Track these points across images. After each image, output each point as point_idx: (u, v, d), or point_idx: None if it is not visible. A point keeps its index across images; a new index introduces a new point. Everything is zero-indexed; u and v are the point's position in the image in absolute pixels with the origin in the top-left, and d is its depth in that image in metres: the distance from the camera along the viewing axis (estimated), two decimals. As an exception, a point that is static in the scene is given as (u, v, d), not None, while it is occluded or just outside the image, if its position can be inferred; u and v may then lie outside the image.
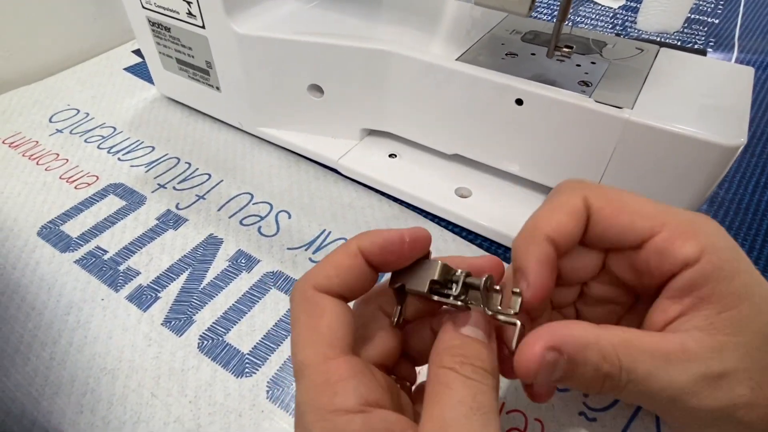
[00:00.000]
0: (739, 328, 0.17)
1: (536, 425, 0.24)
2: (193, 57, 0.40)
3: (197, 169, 0.40)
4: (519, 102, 0.30)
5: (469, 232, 0.35)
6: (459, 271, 0.19)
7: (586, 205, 0.20)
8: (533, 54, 0.33)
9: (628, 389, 0.17)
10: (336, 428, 0.16)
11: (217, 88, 0.41)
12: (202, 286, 0.31)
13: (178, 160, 0.41)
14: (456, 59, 0.32)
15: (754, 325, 0.17)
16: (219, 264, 0.32)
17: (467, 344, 0.18)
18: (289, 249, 0.33)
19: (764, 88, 0.49)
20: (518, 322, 0.18)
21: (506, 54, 0.33)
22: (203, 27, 0.37)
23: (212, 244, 0.34)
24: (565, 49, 0.32)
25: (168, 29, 0.40)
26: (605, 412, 0.25)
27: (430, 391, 0.17)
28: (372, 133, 0.41)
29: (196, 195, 0.38)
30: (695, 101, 0.29)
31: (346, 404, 0.16)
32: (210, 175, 0.39)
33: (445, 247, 0.34)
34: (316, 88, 0.37)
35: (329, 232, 0.35)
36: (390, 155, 0.39)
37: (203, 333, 0.29)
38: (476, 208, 0.35)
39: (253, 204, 0.37)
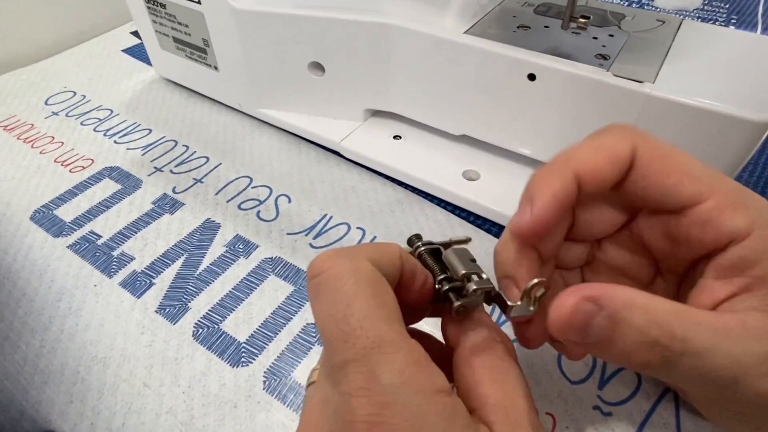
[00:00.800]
0: None
1: (548, 420, 0.23)
2: (189, 35, 0.39)
3: (195, 151, 0.39)
4: (531, 77, 0.28)
5: (477, 216, 0.33)
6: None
7: (632, 154, 0.17)
8: (547, 27, 0.31)
9: (682, 364, 0.15)
10: (448, 410, 0.14)
11: (215, 68, 0.39)
12: (198, 272, 0.30)
13: (176, 142, 0.40)
14: (464, 32, 0.30)
15: None
16: (216, 249, 0.31)
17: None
18: (288, 234, 0.32)
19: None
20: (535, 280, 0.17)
21: (518, 27, 0.31)
22: (199, 2, 0.35)
23: (209, 228, 0.33)
24: (581, 20, 0.30)
25: (164, 5, 0.38)
26: (621, 406, 0.23)
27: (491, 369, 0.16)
28: (376, 114, 0.39)
29: (194, 178, 0.36)
30: (721, 74, 0.27)
31: (445, 385, 0.15)
32: (208, 158, 0.38)
33: (451, 232, 0.32)
34: (318, 66, 0.36)
35: (330, 217, 0.33)
36: (394, 137, 0.37)
37: (198, 321, 0.27)
38: (485, 192, 0.33)
39: (252, 188, 0.35)
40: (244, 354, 0.26)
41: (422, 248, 0.20)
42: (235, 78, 0.39)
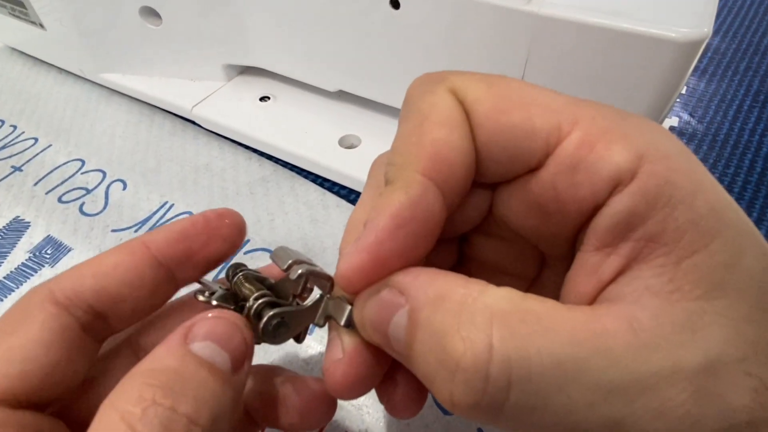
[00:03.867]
0: (716, 284, 0.10)
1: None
2: (-3, -17, 0.31)
3: (23, 132, 0.31)
4: (395, 4, 0.21)
5: (358, 193, 0.26)
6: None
7: (462, 105, 0.12)
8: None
9: (509, 408, 0.09)
10: None
11: (41, 25, 0.31)
12: (-15, 289, 0.23)
13: (2, 122, 0.32)
14: (312, -49, 0.23)
15: (738, 276, 0.10)
16: (16, 256, 0.24)
17: (185, 369, 0.11)
18: (114, 231, 0.25)
19: (753, -11, 0.40)
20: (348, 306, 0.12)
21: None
22: (-13, -64, 0.27)
23: (15, 229, 0.25)
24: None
25: (-42, -53, 0.30)
26: (509, 442, 0.17)
27: None
28: (244, 71, 0.32)
29: (12, 166, 0.29)
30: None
31: None
32: (36, 140, 0.31)
33: (325, 215, 0.25)
34: (152, 13, 0.28)
35: (171, 205, 0.26)
36: (262, 98, 0.30)
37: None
38: (366, 161, 0.26)
39: (82, 174, 0.28)
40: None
41: (240, 274, 0.14)
42: (65, 36, 0.31)
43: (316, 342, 0.21)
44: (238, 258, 0.24)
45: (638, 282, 0.10)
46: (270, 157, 0.28)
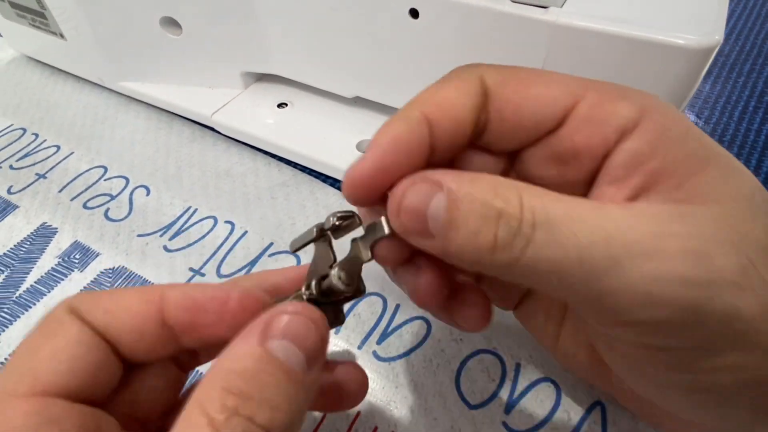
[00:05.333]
0: (711, 196, 0.12)
1: (435, 463, 0.18)
2: (19, -5, 0.31)
3: (45, 140, 0.32)
4: (414, 13, 0.22)
5: (376, 196, 0.27)
6: None
7: (483, 85, 0.14)
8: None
9: (536, 242, 0.11)
10: None
11: (61, 35, 0.32)
12: (17, 293, 0.24)
13: (24, 131, 0.33)
14: (331, -38, 0.24)
15: (727, 189, 0.12)
16: (46, 262, 0.25)
17: (262, 373, 0.11)
18: (139, 236, 0.26)
19: (754, -8, 0.40)
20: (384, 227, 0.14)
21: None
22: (12, -50, 0.28)
23: (43, 235, 0.26)
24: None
25: (-19, -40, 0.31)
26: (534, 435, 0.18)
27: None
28: (261, 79, 0.32)
29: (37, 174, 0.30)
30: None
31: None
32: (59, 147, 0.31)
33: (344, 217, 0.26)
34: (172, 23, 0.29)
35: (195, 210, 0.27)
36: (279, 105, 0.30)
37: (6, 359, 0.21)
38: (383, 165, 0.27)
39: (105, 180, 0.29)
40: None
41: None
42: (86, 46, 0.32)
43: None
44: (263, 262, 0.24)
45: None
46: (289, 163, 0.29)
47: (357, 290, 0.15)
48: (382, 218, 0.14)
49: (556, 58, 0.20)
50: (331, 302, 0.15)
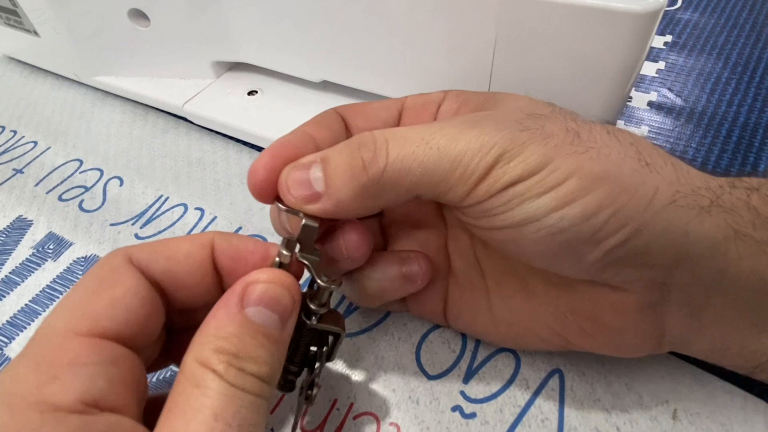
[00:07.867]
0: (495, 106, 0.17)
1: (391, 431, 0.18)
2: (-9, -6, 0.32)
3: (23, 137, 0.32)
4: (368, -7, 0.22)
5: (345, 178, 0.27)
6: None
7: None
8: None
9: (395, 146, 0.15)
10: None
11: (35, 33, 0.33)
12: (-7, 284, 0.24)
13: (3, 128, 0.33)
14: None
15: (504, 106, 0.17)
16: (21, 253, 0.25)
17: (244, 335, 0.13)
18: (112, 225, 0.26)
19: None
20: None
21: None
22: (-21, -52, 0.28)
23: (18, 228, 0.27)
24: None
25: (-48, -39, 0.31)
26: (490, 402, 0.18)
27: (177, 394, 0.12)
28: (233, 68, 0.33)
29: (14, 169, 0.30)
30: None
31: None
32: (36, 143, 0.32)
33: (313, 200, 0.26)
34: (140, 15, 0.29)
35: (166, 198, 0.27)
36: (250, 92, 0.31)
37: (-19, 346, 0.22)
38: (351, 147, 0.27)
39: (81, 173, 0.29)
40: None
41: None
42: (59, 42, 0.32)
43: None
44: (231, 245, 0.25)
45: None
46: (260, 149, 0.29)
47: (313, 251, 0.16)
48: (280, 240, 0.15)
49: (507, 31, 0.20)
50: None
